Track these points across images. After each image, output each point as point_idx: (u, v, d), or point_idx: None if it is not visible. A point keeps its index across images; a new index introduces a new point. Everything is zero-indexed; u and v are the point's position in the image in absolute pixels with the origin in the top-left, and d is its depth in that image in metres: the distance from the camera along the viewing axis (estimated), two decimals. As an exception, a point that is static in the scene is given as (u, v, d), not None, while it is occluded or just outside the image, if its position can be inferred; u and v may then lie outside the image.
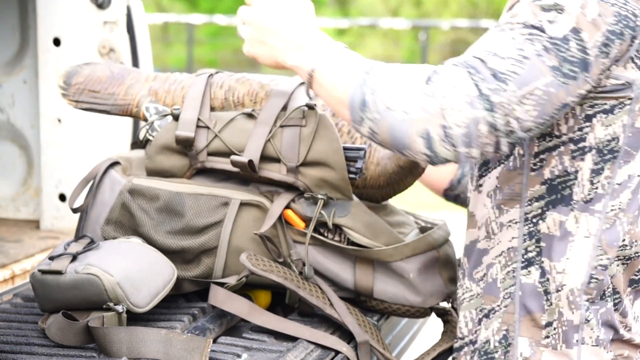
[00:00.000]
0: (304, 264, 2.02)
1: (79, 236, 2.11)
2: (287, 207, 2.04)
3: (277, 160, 2.06)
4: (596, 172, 1.60)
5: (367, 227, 2.03)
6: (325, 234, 2.04)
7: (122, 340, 1.80)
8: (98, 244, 2.00)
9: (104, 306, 1.86)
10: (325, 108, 2.11)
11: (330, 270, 2.05)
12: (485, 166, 1.76)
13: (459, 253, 2.02)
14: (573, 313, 1.63)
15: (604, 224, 1.62)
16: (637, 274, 1.70)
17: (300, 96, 2.12)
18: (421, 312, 2.13)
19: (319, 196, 2.02)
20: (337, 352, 1.90)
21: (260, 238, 2.01)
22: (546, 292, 1.64)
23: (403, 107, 1.44)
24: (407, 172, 2.05)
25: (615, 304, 1.67)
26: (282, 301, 2.10)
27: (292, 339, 1.93)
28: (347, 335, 1.95)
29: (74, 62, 2.38)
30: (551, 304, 1.64)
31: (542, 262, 1.64)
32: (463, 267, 1.85)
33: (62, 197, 2.82)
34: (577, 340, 1.63)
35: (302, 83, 2.17)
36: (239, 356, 1.83)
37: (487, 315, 1.72)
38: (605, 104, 1.56)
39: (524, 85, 1.42)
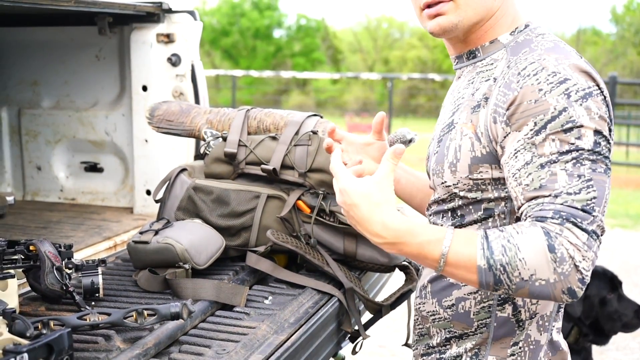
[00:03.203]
0: (309, 237, 2.02)
1: (159, 218, 2.13)
2: (299, 198, 2.04)
3: (292, 167, 2.07)
4: None
5: (352, 212, 2.02)
6: (324, 217, 2.03)
7: (188, 287, 1.82)
8: (172, 224, 2.02)
9: (176, 265, 1.88)
10: (324, 133, 2.12)
11: (327, 241, 2.04)
12: (461, 220, 1.45)
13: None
14: (541, 334, 1.44)
15: None
16: None
17: (307, 125, 2.12)
18: (388, 269, 2.13)
19: (320, 192, 2.04)
20: (331, 296, 1.91)
21: (281, 219, 2.03)
22: (518, 321, 1.42)
23: (539, 276, 1.17)
24: (379, 176, 2.06)
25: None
26: (294, 262, 2.10)
27: (302, 287, 1.94)
28: (338, 285, 1.95)
29: (156, 102, 2.39)
30: (523, 329, 1.43)
31: (516, 299, 1.41)
32: (426, 289, 1.54)
33: (148, 192, 2.83)
34: (541, 356, 1.45)
35: (309, 116, 2.18)
36: (266, 298, 1.85)
37: (459, 337, 1.47)
38: None
39: (602, 201, 1.21)
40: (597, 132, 1.24)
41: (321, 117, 2.22)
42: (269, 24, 35.50)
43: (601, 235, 1.22)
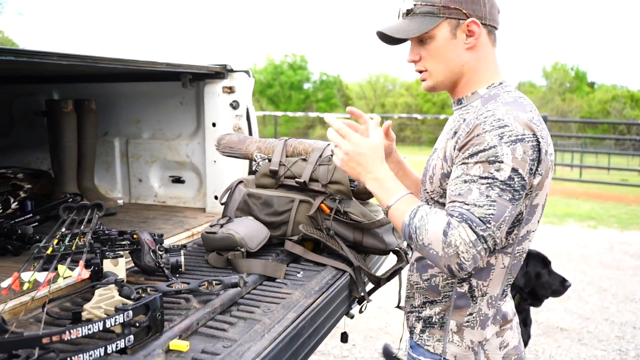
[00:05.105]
0: (329, 230, 2.00)
1: (223, 216, 2.13)
2: (322, 202, 2.02)
3: (317, 180, 2.05)
4: (510, 232, 1.34)
5: (359, 212, 2.01)
6: (340, 216, 2.01)
7: (244, 265, 1.82)
8: (232, 220, 2.01)
9: (235, 249, 1.87)
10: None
11: (341, 232, 2.02)
12: None
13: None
14: (489, 309, 1.41)
15: (513, 259, 1.38)
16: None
17: (328, 150, 2.11)
18: (385, 252, 2.11)
19: (337, 197, 2.02)
20: (345, 271, 1.90)
21: (309, 217, 2.02)
22: (472, 296, 1.39)
23: (433, 247, 1.20)
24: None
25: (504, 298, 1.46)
26: (319, 247, 2.08)
27: (324, 265, 1.93)
28: (350, 263, 1.94)
29: (221, 134, 2.40)
30: (476, 303, 1.40)
31: (471, 280, 1.38)
32: (414, 265, 1.52)
33: (216, 197, 2.83)
34: (488, 324, 1.41)
35: (329, 144, 2.17)
36: (299, 272, 1.85)
37: (431, 302, 1.45)
38: None
39: (499, 219, 1.20)
40: (514, 170, 1.22)
41: (337, 145, 2.21)
42: (300, 79, 35.63)
43: (493, 245, 1.21)
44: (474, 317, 1.41)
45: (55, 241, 1.64)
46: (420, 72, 1.42)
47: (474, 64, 1.39)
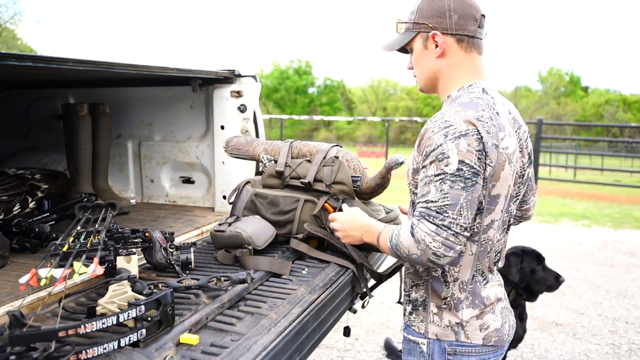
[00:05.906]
0: (333, 228, 2.00)
1: (231, 215, 2.13)
2: (326, 202, 2.01)
3: (321, 181, 2.04)
4: (474, 220, 1.40)
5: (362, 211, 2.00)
6: (343, 214, 2.00)
7: (251, 261, 1.81)
8: (240, 218, 2.01)
9: (243, 246, 1.87)
10: (343, 157, 2.10)
11: (345, 231, 2.02)
12: (414, 208, 1.48)
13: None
14: (461, 293, 1.46)
15: (480, 247, 1.44)
16: (483, 270, 1.50)
17: (331, 152, 2.11)
18: (386, 250, 2.10)
19: (340, 197, 2.01)
20: (348, 268, 1.90)
21: (314, 216, 2.02)
22: (445, 281, 1.46)
23: (412, 251, 1.31)
24: (380, 187, 2.04)
25: (478, 284, 1.48)
26: (323, 245, 2.08)
27: (327, 262, 1.92)
28: (352, 260, 1.93)
29: (230, 136, 2.40)
30: (448, 287, 1.46)
31: (444, 266, 1.45)
32: None
33: (224, 197, 2.83)
34: (462, 307, 1.45)
35: (333, 146, 2.17)
36: (303, 269, 1.84)
37: (416, 286, 1.53)
38: None
39: (455, 207, 1.28)
40: (461, 162, 1.29)
41: (341, 147, 2.20)
42: (305, 84, 35.67)
43: (461, 229, 1.29)
44: (448, 301, 1.47)
45: (71, 239, 1.64)
46: (415, 76, 1.55)
47: (445, 70, 1.47)
